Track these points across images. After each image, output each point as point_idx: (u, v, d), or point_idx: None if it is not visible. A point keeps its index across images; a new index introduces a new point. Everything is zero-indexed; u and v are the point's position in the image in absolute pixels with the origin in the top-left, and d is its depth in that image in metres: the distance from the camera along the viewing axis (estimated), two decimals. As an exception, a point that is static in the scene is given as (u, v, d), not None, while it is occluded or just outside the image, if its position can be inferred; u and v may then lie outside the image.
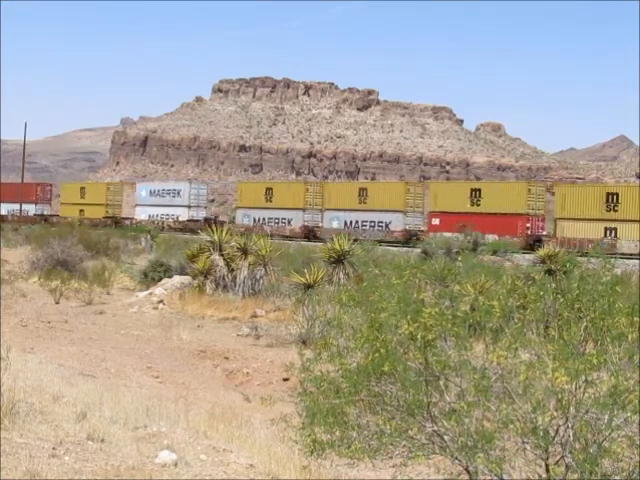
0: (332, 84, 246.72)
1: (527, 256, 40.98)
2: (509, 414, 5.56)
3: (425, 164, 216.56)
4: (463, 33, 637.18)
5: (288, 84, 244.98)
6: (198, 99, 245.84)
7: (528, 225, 51.78)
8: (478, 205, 53.96)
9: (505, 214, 51.77)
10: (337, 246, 25.52)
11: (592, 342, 6.60)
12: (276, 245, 28.71)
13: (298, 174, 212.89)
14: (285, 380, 14.21)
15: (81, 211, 75.57)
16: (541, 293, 6.59)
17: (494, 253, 43.06)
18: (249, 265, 25.40)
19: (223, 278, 25.29)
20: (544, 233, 52.24)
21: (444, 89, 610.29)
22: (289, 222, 62.78)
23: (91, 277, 27.88)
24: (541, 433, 5.42)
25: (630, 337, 6.19)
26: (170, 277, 26.41)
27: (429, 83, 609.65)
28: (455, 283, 12.84)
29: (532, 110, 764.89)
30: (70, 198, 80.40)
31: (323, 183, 77.62)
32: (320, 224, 61.56)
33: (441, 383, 5.91)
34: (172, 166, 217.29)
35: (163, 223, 67.59)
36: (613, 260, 7.45)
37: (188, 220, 68.22)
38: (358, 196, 60.04)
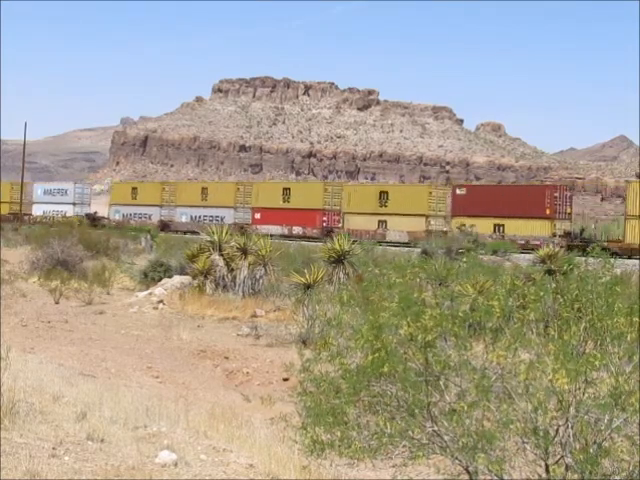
0: (332, 84, 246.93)
1: (527, 256, 40.99)
2: (509, 414, 5.56)
3: (425, 164, 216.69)
4: (463, 33, 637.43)
5: (288, 84, 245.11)
6: (198, 99, 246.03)
7: (324, 219, 62.27)
8: (288, 202, 65.13)
9: (307, 209, 62.31)
10: (337, 246, 25.52)
11: (592, 342, 6.60)
12: (276, 245, 28.74)
13: (298, 174, 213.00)
14: (285, 380, 14.21)
15: None
16: (541, 293, 6.59)
17: (494, 253, 43.08)
18: (249, 265, 25.41)
19: (223, 278, 25.30)
20: (339, 225, 60.91)
21: (444, 89, 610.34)
22: (150, 217, 74.10)
23: (91, 277, 27.88)
24: (541, 433, 5.42)
25: (630, 337, 6.19)
26: (170, 277, 26.41)
27: (429, 83, 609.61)
28: (456, 283, 12.84)
29: (532, 110, 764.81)
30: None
31: (176, 183, 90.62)
32: (174, 218, 73.01)
33: (441, 383, 5.91)
34: (172, 166, 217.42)
35: (53, 219, 73.88)
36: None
37: (73, 216, 77.14)
38: (201, 194, 72.04)
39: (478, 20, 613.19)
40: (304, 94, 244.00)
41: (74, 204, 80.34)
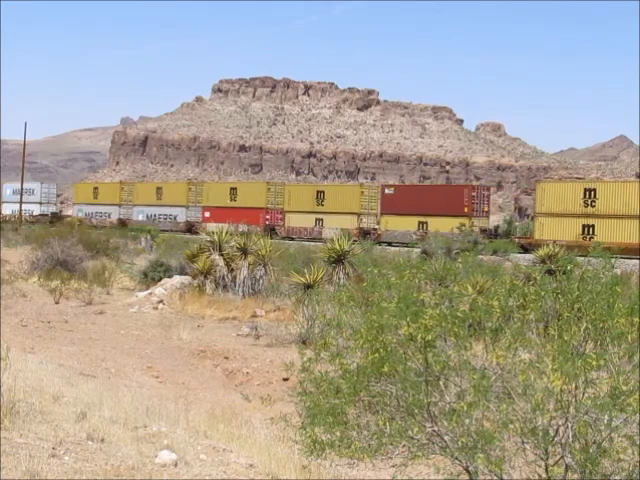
0: (332, 84, 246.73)
1: (527, 256, 41.04)
2: (509, 414, 5.56)
3: (425, 164, 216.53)
4: (463, 33, 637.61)
5: (288, 84, 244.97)
6: (198, 99, 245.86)
7: (268, 217, 65.78)
8: (235, 201, 68.93)
9: (252, 208, 65.55)
10: (337, 246, 25.51)
11: (592, 342, 6.60)
12: (276, 245, 28.74)
13: (298, 174, 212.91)
14: (285, 380, 14.21)
15: None
16: (542, 293, 6.58)
17: (494, 253, 43.10)
18: (249, 265, 25.41)
19: (223, 278, 25.29)
20: (280, 223, 65.01)
21: (444, 89, 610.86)
22: (109, 215, 78.04)
23: (91, 277, 27.88)
24: (541, 433, 5.42)
25: (630, 337, 6.19)
26: (170, 277, 26.40)
27: (429, 83, 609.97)
28: (455, 284, 12.82)
29: (532, 110, 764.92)
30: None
31: (133, 183, 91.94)
32: (131, 217, 76.24)
33: (441, 383, 5.91)
34: (172, 166, 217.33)
35: (22, 217, 79.18)
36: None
37: (39, 214, 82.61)
38: (156, 194, 75.54)
39: (478, 20, 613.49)
40: (304, 94, 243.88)
41: (40, 203, 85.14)
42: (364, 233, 58.47)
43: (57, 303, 23.38)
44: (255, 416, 10.92)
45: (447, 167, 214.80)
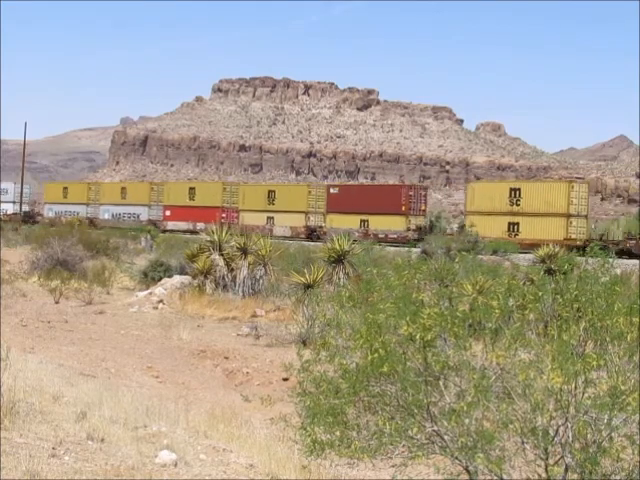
0: (332, 84, 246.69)
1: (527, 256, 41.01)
2: (509, 414, 5.56)
3: (425, 164, 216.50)
4: (463, 33, 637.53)
5: (288, 84, 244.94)
6: (198, 99, 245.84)
7: (224, 215, 68.53)
8: (193, 200, 72.98)
9: (209, 207, 69.23)
10: (337, 246, 25.51)
11: (592, 342, 6.60)
12: (276, 245, 28.75)
13: (298, 174, 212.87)
14: (285, 380, 14.20)
15: None
16: (540, 294, 6.59)
17: (494, 253, 43.07)
18: (249, 265, 25.41)
19: (223, 278, 25.29)
20: (235, 221, 67.42)
21: (444, 89, 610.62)
22: (77, 214, 79.74)
23: (91, 277, 27.87)
24: (541, 433, 5.42)
25: (629, 337, 6.19)
26: (170, 277, 26.40)
27: (429, 83, 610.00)
28: (454, 284, 12.82)
29: (532, 110, 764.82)
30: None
31: (100, 184, 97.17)
32: (97, 216, 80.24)
33: (441, 383, 5.90)
34: (172, 166, 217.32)
35: None
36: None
37: (13, 213, 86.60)
38: (120, 193, 79.87)
39: (478, 20, 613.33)
40: (304, 94, 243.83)
41: (14, 202, 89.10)
42: (311, 231, 62.58)
43: (57, 303, 23.38)
44: (255, 416, 10.92)
45: (447, 167, 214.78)
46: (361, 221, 59.85)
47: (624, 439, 5.40)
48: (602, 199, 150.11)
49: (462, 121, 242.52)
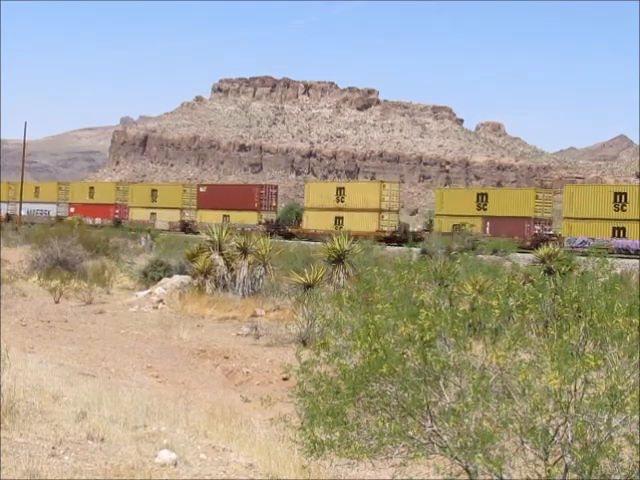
0: (332, 84, 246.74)
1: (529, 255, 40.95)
2: (508, 414, 5.56)
3: (425, 164, 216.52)
4: (463, 33, 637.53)
5: (288, 84, 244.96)
6: (198, 99, 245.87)
7: (117, 211, 79.96)
8: (92, 198, 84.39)
9: (104, 204, 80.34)
10: (337, 246, 25.51)
11: (591, 342, 6.60)
12: (276, 245, 28.74)
13: (298, 173, 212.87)
14: (285, 380, 14.20)
15: None
16: (539, 294, 6.58)
17: (494, 252, 43.03)
18: (249, 265, 25.40)
19: (223, 278, 25.28)
20: (126, 217, 78.81)
21: (444, 89, 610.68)
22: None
23: (91, 276, 27.86)
24: (540, 433, 5.42)
25: (629, 337, 6.19)
26: (170, 277, 26.40)
27: (429, 83, 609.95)
28: (454, 284, 12.83)
29: (532, 110, 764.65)
30: None
31: (16, 184, 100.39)
32: (16, 212, 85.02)
33: (440, 383, 5.90)
34: (172, 165, 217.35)
35: None
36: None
37: None
38: (34, 192, 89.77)
39: (478, 20, 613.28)
40: (304, 94, 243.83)
41: None
42: (184, 225, 73.43)
43: (57, 303, 23.38)
44: (255, 416, 10.92)
45: (447, 167, 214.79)
46: (223, 216, 67.14)
47: (624, 439, 5.40)
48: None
49: (462, 121, 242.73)
